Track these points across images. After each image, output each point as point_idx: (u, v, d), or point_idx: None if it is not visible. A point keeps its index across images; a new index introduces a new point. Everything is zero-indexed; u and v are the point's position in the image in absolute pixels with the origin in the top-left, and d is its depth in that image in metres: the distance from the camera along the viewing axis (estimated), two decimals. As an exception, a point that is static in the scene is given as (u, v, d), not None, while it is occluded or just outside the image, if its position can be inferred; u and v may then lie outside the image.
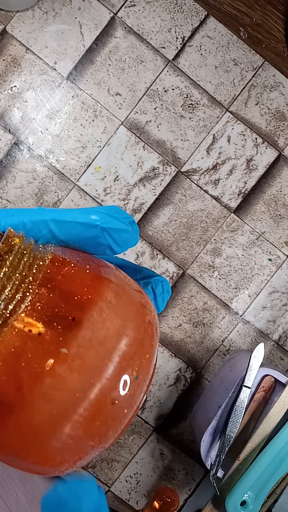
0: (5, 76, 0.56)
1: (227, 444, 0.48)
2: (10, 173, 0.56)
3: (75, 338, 0.17)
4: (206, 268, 0.58)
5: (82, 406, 0.17)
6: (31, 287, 0.18)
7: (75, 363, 0.17)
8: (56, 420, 0.17)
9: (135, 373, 0.19)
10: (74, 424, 0.17)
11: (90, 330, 0.18)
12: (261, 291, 0.58)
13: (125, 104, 0.57)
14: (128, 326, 0.19)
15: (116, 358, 0.18)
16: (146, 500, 0.57)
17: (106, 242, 0.22)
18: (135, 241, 0.23)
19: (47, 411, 0.17)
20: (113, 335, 0.18)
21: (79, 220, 0.21)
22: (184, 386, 0.58)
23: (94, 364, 0.17)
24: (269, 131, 0.58)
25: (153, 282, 0.26)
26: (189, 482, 0.58)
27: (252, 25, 0.58)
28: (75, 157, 0.57)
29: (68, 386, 0.17)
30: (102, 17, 0.56)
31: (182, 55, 0.57)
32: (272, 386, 0.50)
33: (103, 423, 0.18)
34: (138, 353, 0.19)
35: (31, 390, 0.17)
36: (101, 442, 0.19)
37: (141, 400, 0.20)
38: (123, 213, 0.22)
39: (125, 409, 0.19)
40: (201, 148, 0.58)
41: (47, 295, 0.18)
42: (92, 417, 0.18)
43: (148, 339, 0.20)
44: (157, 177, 0.57)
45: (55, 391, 0.17)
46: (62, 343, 0.17)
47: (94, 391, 0.17)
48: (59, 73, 0.56)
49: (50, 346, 0.17)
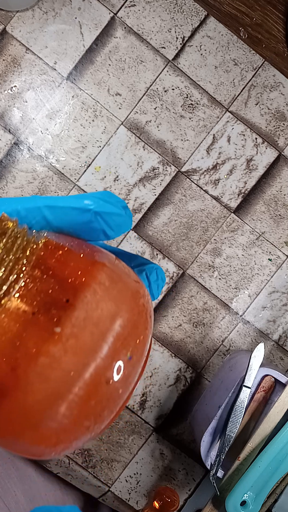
0: (5, 76, 0.56)
1: (227, 444, 0.48)
2: (10, 173, 0.56)
3: (68, 318, 0.18)
4: (206, 268, 0.58)
5: (77, 385, 0.17)
6: (24, 269, 0.18)
7: (69, 343, 0.17)
8: (51, 400, 0.17)
9: (129, 353, 0.19)
10: (69, 404, 0.17)
11: (84, 311, 0.18)
12: (261, 291, 0.58)
13: (125, 104, 0.57)
14: (122, 308, 0.19)
15: (110, 338, 0.18)
16: (146, 500, 0.57)
17: (100, 227, 0.22)
18: (128, 225, 0.23)
19: (42, 391, 0.17)
20: (107, 316, 0.18)
21: (72, 205, 0.21)
22: (184, 386, 0.58)
23: (88, 344, 0.18)
24: (269, 131, 0.58)
25: (147, 270, 0.26)
26: (189, 482, 0.58)
27: (252, 25, 0.58)
28: (75, 157, 0.57)
29: (62, 365, 0.17)
30: (102, 17, 0.56)
31: (182, 55, 0.57)
32: (272, 386, 0.50)
33: (98, 402, 0.18)
34: (132, 334, 0.19)
35: (26, 370, 0.17)
36: (97, 422, 0.19)
37: (135, 382, 0.20)
38: (115, 197, 0.23)
39: (120, 389, 0.19)
40: (201, 148, 0.58)
41: (40, 277, 0.18)
42: (87, 397, 0.18)
43: (142, 322, 0.20)
44: (157, 177, 0.57)
45: (49, 371, 0.17)
46: (56, 323, 0.17)
47: (88, 370, 0.18)
48: (59, 73, 0.56)
49: (44, 326, 0.17)
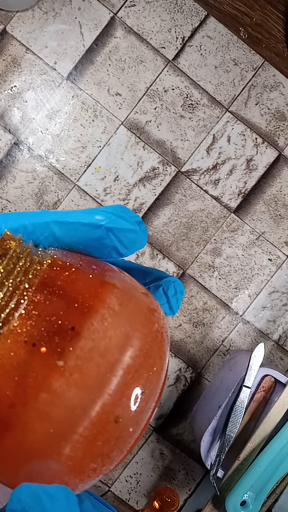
0: (5, 76, 0.56)
1: (227, 444, 0.48)
2: (10, 173, 0.56)
3: (73, 349, 0.16)
4: (206, 268, 0.58)
5: (82, 424, 0.16)
6: (26, 293, 0.17)
7: (73, 377, 0.16)
8: (53, 440, 0.16)
9: (142, 387, 0.17)
10: (74, 445, 0.16)
11: (90, 341, 0.16)
12: (261, 291, 0.58)
13: (125, 104, 0.57)
14: (133, 336, 0.17)
15: (119, 371, 0.16)
16: (146, 500, 0.57)
17: (112, 244, 0.20)
18: (143, 242, 0.21)
19: (43, 430, 0.16)
20: (116, 345, 0.17)
21: (82, 220, 0.20)
22: (184, 386, 0.58)
23: (95, 378, 0.16)
24: (269, 131, 0.58)
25: (164, 284, 0.24)
26: (189, 482, 0.58)
27: (252, 25, 0.58)
28: (75, 157, 0.57)
29: (65, 402, 0.16)
30: (102, 17, 0.56)
31: (182, 55, 0.57)
32: (272, 386, 0.50)
33: (106, 443, 0.17)
34: (145, 366, 0.17)
35: (25, 407, 0.16)
36: (104, 463, 0.17)
37: (149, 417, 0.18)
38: (129, 212, 0.21)
39: (130, 427, 0.17)
40: (201, 148, 0.58)
41: (44, 302, 0.17)
42: (94, 437, 0.16)
43: (156, 350, 0.18)
44: (157, 177, 0.57)
45: (51, 408, 0.16)
46: (59, 355, 0.16)
47: (95, 408, 0.16)
48: (59, 73, 0.56)
49: (46, 358, 0.16)
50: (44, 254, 0.19)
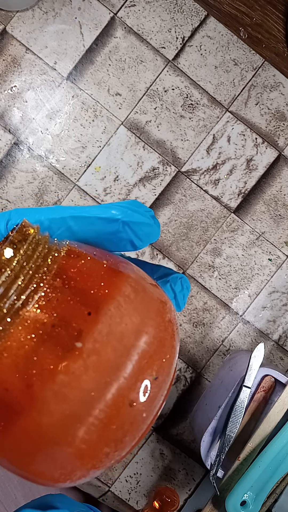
0: (5, 76, 0.56)
1: (227, 444, 0.48)
2: (10, 173, 0.56)
3: (91, 332, 0.16)
4: (206, 268, 0.58)
5: (98, 407, 0.16)
6: (45, 277, 0.17)
7: (90, 360, 0.16)
8: (68, 422, 0.16)
9: (155, 373, 0.17)
10: (89, 427, 0.16)
11: (107, 325, 0.16)
12: (261, 291, 0.58)
13: (125, 104, 0.57)
14: (148, 323, 0.18)
15: (134, 356, 0.17)
16: (146, 500, 0.57)
17: (128, 237, 0.21)
18: (157, 235, 0.22)
19: (59, 412, 0.16)
20: (132, 331, 0.17)
21: (99, 215, 0.20)
22: (184, 386, 0.58)
23: (111, 361, 0.16)
24: (269, 131, 0.58)
25: (172, 280, 0.25)
26: (189, 482, 0.58)
27: (252, 25, 0.58)
28: (75, 157, 0.57)
29: (82, 384, 0.16)
30: (102, 17, 0.56)
31: (182, 55, 0.57)
32: (272, 386, 0.50)
33: (120, 427, 0.17)
34: (158, 352, 0.18)
35: (42, 388, 0.16)
36: (117, 449, 0.17)
37: (160, 405, 0.18)
38: (143, 206, 0.21)
39: (144, 412, 0.17)
40: (201, 148, 0.58)
41: (61, 287, 0.17)
42: (108, 420, 0.16)
43: (168, 339, 0.18)
44: (157, 177, 0.57)
45: (68, 390, 0.16)
46: (77, 338, 0.16)
47: (111, 390, 0.16)
48: (59, 73, 0.56)
49: (64, 340, 0.16)
50: (60, 244, 0.19)
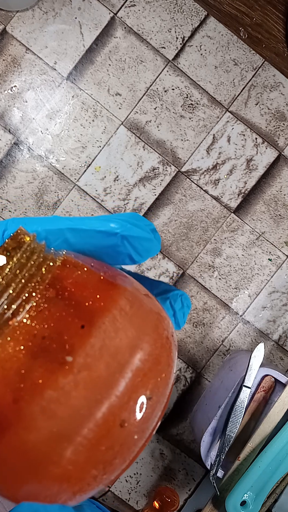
0: (5, 76, 0.56)
1: (227, 444, 0.48)
2: (10, 173, 0.56)
3: (83, 346, 0.16)
4: (206, 268, 0.58)
5: (87, 426, 0.15)
6: (38, 287, 0.16)
7: (81, 375, 0.15)
8: (55, 441, 0.15)
9: (149, 393, 0.17)
10: (76, 447, 0.15)
11: (101, 339, 0.16)
12: (261, 291, 0.58)
13: (125, 104, 0.57)
14: (144, 339, 0.17)
15: (128, 373, 0.16)
16: (146, 500, 0.57)
17: (126, 251, 0.20)
18: (157, 250, 0.21)
19: (46, 429, 0.15)
20: (126, 347, 0.16)
21: (97, 228, 0.20)
22: (184, 386, 0.58)
23: (103, 378, 0.16)
24: (269, 131, 0.58)
25: (171, 297, 0.24)
26: (189, 482, 0.58)
27: (252, 25, 0.58)
28: (75, 157, 0.57)
29: (72, 401, 0.15)
30: (102, 17, 0.56)
31: (182, 55, 0.57)
32: (272, 386, 0.50)
33: (110, 448, 0.16)
34: (153, 371, 0.17)
35: (30, 403, 0.15)
36: (106, 472, 0.16)
37: (154, 426, 0.18)
38: (144, 220, 0.21)
39: (135, 434, 0.16)
40: (201, 148, 0.58)
41: (55, 298, 0.16)
42: (97, 440, 0.15)
43: (165, 356, 0.18)
44: (157, 177, 0.57)
45: (56, 406, 0.15)
46: (68, 352, 0.15)
47: (101, 409, 0.15)
48: (59, 73, 0.56)
49: (55, 353, 0.15)
50: (57, 253, 0.19)
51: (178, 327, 0.24)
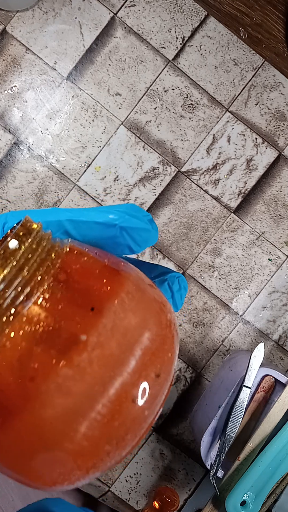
0: (5, 76, 0.56)
1: (227, 444, 0.48)
2: (10, 173, 0.56)
3: (95, 326, 0.16)
4: (206, 268, 0.58)
5: (101, 401, 0.16)
6: (49, 271, 0.17)
7: (95, 353, 0.16)
8: (71, 417, 0.16)
9: (158, 371, 0.17)
10: (91, 423, 0.16)
11: (111, 320, 0.17)
12: (261, 291, 0.58)
13: (125, 104, 0.57)
14: (150, 321, 0.18)
15: (138, 351, 0.17)
16: (146, 500, 0.57)
17: (125, 242, 0.21)
18: (155, 239, 0.22)
19: (61, 406, 0.16)
20: (135, 327, 0.17)
21: (96, 219, 0.20)
22: (184, 386, 0.58)
23: (115, 356, 0.16)
24: (269, 131, 0.58)
25: (169, 279, 0.25)
26: (189, 482, 0.58)
27: (252, 25, 0.58)
28: (75, 157, 0.57)
29: (86, 378, 0.16)
30: (102, 17, 0.56)
31: (182, 55, 0.57)
32: (272, 386, 0.50)
33: (122, 424, 0.17)
34: (161, 350, 0.18)
35: (45, 381, 0.15)
36: (118, 447, 0.17)
37: (161, 405, 0.18)
38: (141, 211, 0.22)
39: (146, 410, 0.17)
40: (201, 148, 0.58)
41: (65, 281, 0.17)
42: (111, 416, 0.16)
43: (170, 337, 0.19)
44: (157, 177, 0.57)
45: (72, 383, 0.16)
46: (81, 331, 0.16)
47: (114, 385, 0.16)
48: (59, 73, 0.56)
49: (68, 333, 0.16)
50: (62, 241, 0.19)
51: (176, 308, 0.25)
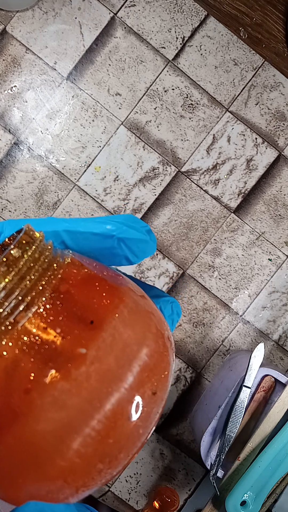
0: (5, 76, 0.56)
1: (227, 444, 0.48)
2: (10, 173, 0.56)
3: (94, 340, 0.16)
4: (206, 268, 0.58)
5: (96, 417, 0.16)
6: (51, 281, 0.17)
7: (93, 367, 0.16)
8: (65, 432, 0.15)
9: (154, 388, 0.17)
10: (85, 439, 0.15)
11: (111, 334, 0.16)
12: (261, 291, 0.58)
13: (125, 104, 0.57)
14: (149, 337, 0.18)
15: (136, 368, 0.16)
16: (146, 500, 0.57)
17: (123, 253, 0.21)
18: (153, 250, 0.22)
19: (56, 420, 0.15)
20: (134, 342, 0.17)
21: (93, 230, 0.20)
22: (184, 386, 0.58)
23: (114, 371, 0.16)
24: (269, 131, 0.58)
25: (162, 303, 0.24)
26: (189, 482, 0.58)
27: (252, 25, 0.58)
28: (75, 157, 0.57)
29: (83, 392, 0.15)
30: (102, 17, 0.56)
31: (182, 55, 0.57)
32: (272, 386, 0.50)
33: (116, 441, 0.16)
34: (158, 367, 0.17)
35: (41, 394, 0.15)
36: (111, 466, 0.17)
37: (155, 422, 0.18)
38: (139, 222, 0.21)
39: (140, 428, 0.17)
40: (201, 148, 0.58)
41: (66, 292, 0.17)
42: (106, 432, 0.16)
43: (167, 355, 0.18)
44: (157, 177, 0.57)
45: (68, 397, 0.15)
46: (81, 344, 0.16)
47: (111, 401, 0.16)
48: (59, 73, 0.56)
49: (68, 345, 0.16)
50: (63, 253, 0.19)
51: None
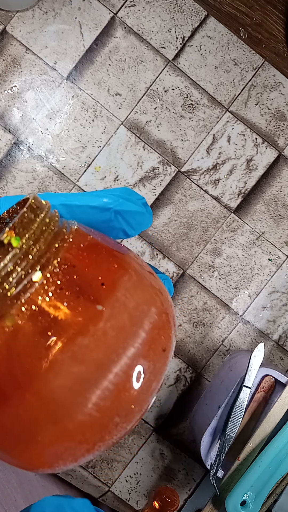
0: (5, 76, 0.56)
1: (227, 444, 0.48)
2: (10, 173, 0.56)
3: (108, 299, 0.17)
4: (206, 268, 0.58)
5: (114, 371, 0.16)
6: (63, 243, 0.17)
7: (109, 323, 0.16)
8: (84, 386, 0.16)
9: (164, 345, 0.18)
10: (103, 392, 0.16)
11: (122, 294, 0.17)
12: (261, 291, 0.58)
13: (125, 104, 0.57)
14: (156, 298, 0.18)
15: (148, 325, 0.17)
16: (146, 500, 0.57)
17: (120, 226, 0.21)
18: (149, 222, 0.22)
19: (76, 374, 0.16)
20: (144, 302, 0.17)
21: (90, 203, 0.20)
22: (184, 386, 0.58)
23: (128, 327, 0.17)
24: (269, 131, 0.58)
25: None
26: (189, 482, 0.58)
27: (252, 25, 0.58)
28: (75, 157, 0.57)
29: (101, 347, 0.16)
30: (102, 17, 0.56)
31: (182, 55, 0.57)
32: (272, 386, 0.50)
33: (131, 394, 0.17)
34: (166, 326, 0.18)
35: (62, 350, 0.15)
36: (126, 419, 0.17)
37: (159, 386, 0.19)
38: (135, 194, 0.21)
39: (152, 382, 0.18)
40: (201, 148, 0.58)
41: (77, 255, 0.17)
42: (122, 386, 0.16)
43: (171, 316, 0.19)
44: (157, 177, 0.57)
45: (87, 352, 0.16)
46: (97, 302, 0.16)
47: (127, 355, 0.16)
48: (59, 73, 0.56)
49: (84, 303, 0.16)
50: (69, 222, 0.20)
51: None
